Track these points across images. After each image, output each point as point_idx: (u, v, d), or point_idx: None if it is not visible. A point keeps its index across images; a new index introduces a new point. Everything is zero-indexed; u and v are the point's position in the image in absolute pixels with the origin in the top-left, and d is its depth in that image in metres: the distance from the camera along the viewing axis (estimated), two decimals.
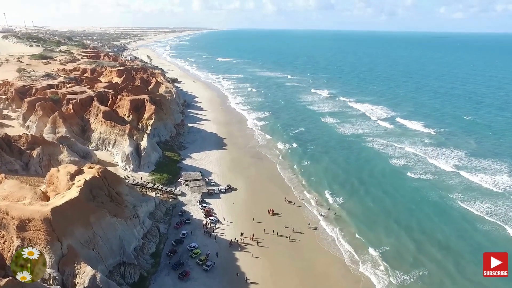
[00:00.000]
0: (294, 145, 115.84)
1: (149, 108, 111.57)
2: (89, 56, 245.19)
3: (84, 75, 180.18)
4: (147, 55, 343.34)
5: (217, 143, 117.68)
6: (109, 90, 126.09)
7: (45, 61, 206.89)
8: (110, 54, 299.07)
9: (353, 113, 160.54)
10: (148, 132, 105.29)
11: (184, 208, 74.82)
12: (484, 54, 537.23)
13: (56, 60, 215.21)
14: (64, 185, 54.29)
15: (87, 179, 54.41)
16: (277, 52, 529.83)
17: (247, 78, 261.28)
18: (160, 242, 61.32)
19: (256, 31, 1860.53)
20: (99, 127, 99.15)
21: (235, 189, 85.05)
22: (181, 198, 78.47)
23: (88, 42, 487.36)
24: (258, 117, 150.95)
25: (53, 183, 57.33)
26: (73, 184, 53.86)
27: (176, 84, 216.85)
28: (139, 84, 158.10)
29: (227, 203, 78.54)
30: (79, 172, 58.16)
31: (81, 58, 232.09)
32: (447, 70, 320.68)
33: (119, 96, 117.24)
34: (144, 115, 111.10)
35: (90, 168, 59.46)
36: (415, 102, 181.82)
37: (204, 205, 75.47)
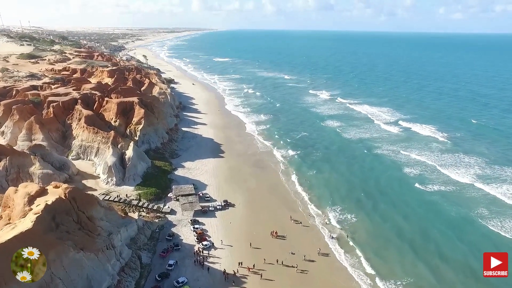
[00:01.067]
0: (297, 152, 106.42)
1: (138, 112, 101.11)
2: (82, 55, 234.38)
3: (73, 75, 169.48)
4: (143, 55, 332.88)
5: (213, 149, 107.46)
6: (96, 92, 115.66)
7: (33, 60, 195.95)
8: (104, 53, 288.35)
9: (356, 115, 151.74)
10: (137, 138, 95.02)
11: (173, 229, 64.44)
12: (485, 55, 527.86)
13: (45, 59, 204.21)
14: (19, 210, 43.94)
15: (49, 202, 44.02)
16: (276, 52, 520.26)
17: (246, 78, 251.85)
18: (141, 276, 50.86)
19: (255, 32, 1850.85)
20: (80, 133, 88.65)
21: (233, 205, 74.76)
22: (170, 217, 68.09)
23: (85, 42, 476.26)
24: (257, 121, 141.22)
25: (9, 207, 46.91)
26: (31, 209, 43.44)
27: (172, 85, 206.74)
28: (131, 85, 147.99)
29: (223, 223, 68.22)
30: (42, 192, 47.75)
31: (73, 57, 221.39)
32: (448, 70, 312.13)
33: (106, 99, 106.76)
34: (133, 120, 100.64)
35: (56, 187, 49.04)
36: (418, 104, 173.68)
37: (196, 226, 65.10)
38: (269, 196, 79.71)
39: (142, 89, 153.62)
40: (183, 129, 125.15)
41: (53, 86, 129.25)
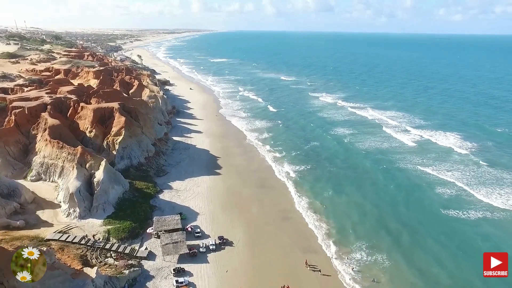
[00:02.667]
0: (306, 166, 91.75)
1: (118, 120, 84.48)
2: (70, 55, 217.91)
3: (55, 76, 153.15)
4: (138, 55, 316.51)
5: (209, 164, 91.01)
6: (71, 96, 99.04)
7: (13, 60, 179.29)
8: (97, 53, 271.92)
9: (363, 121, 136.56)
10: (115, 153, 78.51)
11: (149, 285, 47.75)
12: (488, 56, 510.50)
13: (28, 59, 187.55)
14: None
15: None
16: (276, 52, 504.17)
17: (246, 80, 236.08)
18: None
19: (255, 33, 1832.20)
20: (43, 147, 71.97)
21: (231, 244, 58.31)
22: (146, 264, 51.41)
23: (81, 42, 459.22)
24: (258, 128, 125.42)
25: None
26: None
27: (166, 87, 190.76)
28: (117, 87, 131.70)
29: (217, 272, 51.61)
30: None
31: (60, 57, 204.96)
32: (453, 71, 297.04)
33: (81, 104, 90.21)
34: (112, 130, 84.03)
35: None
36: (426, 108, 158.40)
37: (180, 280, 48.26)
38: (276, 229, 63.23)
39: (131, 92, 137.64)
40: (175, 138, 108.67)
41: (26, 89, 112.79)
